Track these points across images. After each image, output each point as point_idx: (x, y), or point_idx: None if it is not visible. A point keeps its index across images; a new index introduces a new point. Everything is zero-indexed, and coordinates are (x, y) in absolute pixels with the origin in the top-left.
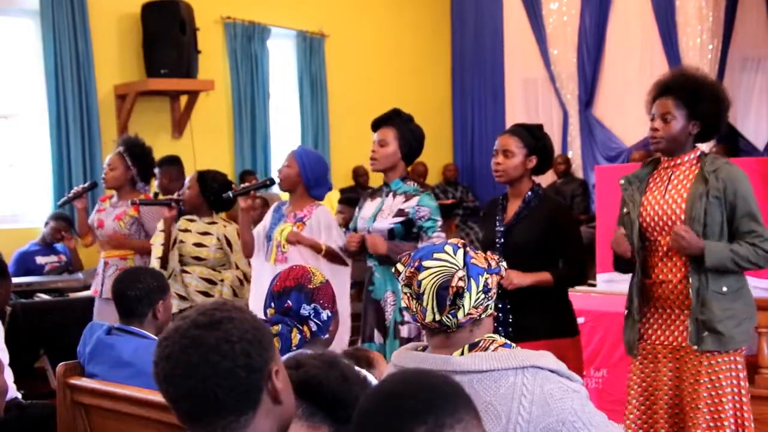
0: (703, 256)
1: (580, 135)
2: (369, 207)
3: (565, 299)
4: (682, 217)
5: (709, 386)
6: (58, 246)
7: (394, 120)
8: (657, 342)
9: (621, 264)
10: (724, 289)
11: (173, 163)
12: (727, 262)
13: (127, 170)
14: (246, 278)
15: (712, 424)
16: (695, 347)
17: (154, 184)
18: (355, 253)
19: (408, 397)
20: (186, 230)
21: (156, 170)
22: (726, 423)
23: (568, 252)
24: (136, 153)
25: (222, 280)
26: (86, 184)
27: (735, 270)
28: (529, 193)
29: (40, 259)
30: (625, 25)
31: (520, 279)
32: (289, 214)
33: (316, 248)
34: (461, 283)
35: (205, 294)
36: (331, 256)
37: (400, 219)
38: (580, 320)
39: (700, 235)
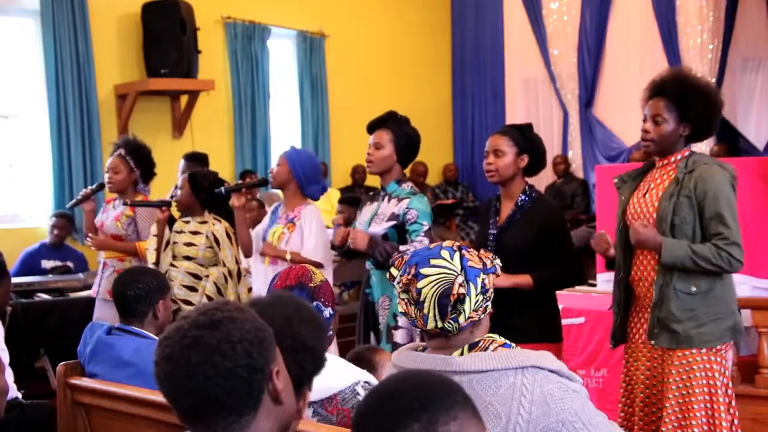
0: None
1: (581, 135)
2: (367, 211)
3: (553, 304)
4: (654, 216)
5: (680, 384)
6: (67, 250)
7: (390, 123)
8: (639, 340)
9: (610, 263)
10: (693, 289)
11: (198, 159)
12: (686, 260)
13: (131, 173)
14: (231, 275)
15: (682, 422)
16: (651, 342)
17: (178, 178)
18: (350, 252)
19: (403, 395)
20: (180, 231)
21: (180, 164)
22: (695, 422)
23: (559, 255)
24: (139, 155)
25: (207, 276)
26: (94, 186)
27: (696, 270)
28: (522, 195)
29: (45, 263)
30: (625, 25)
31: (499, 280)
32: (282, 215)
33: (281, 257)
34: (462, 290)
35: (190, 288)
36: (297, 263)
37: (392, 223)
38: (580, 320)
39: (666, 235)
